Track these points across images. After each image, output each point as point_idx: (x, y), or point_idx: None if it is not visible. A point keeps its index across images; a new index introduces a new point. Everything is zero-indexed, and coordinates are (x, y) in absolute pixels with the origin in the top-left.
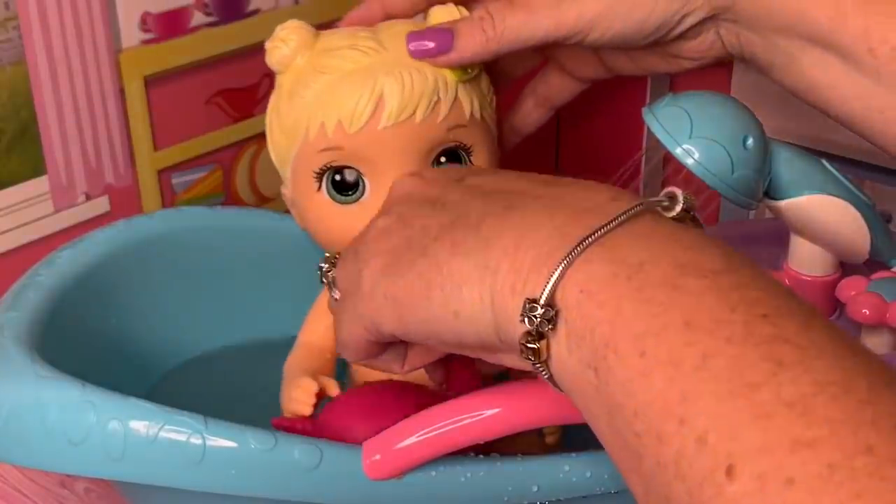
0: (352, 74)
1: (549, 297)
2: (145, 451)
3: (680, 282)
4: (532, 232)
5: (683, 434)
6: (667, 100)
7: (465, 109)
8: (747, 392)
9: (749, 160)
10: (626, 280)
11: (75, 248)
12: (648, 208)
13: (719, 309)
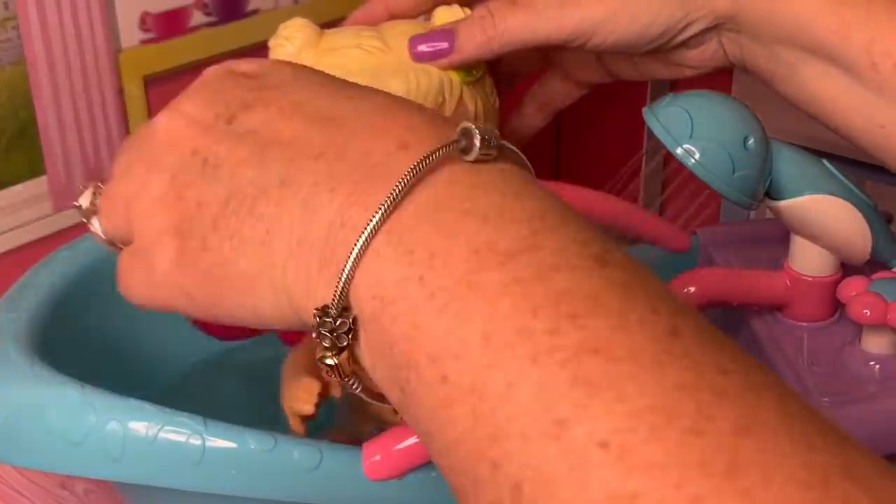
0: (356, 75)
1: (341, 304)
2: (145, 452)
3: (475, 278)
4: (313, 220)
5: (498, 482)
6: (667, 100)
7: (470, 110)
8: (558, 431)
9: (750, 160)
10: (419, 283)
11: (74, 248)
12: (444, 157)
13: (520, 315)
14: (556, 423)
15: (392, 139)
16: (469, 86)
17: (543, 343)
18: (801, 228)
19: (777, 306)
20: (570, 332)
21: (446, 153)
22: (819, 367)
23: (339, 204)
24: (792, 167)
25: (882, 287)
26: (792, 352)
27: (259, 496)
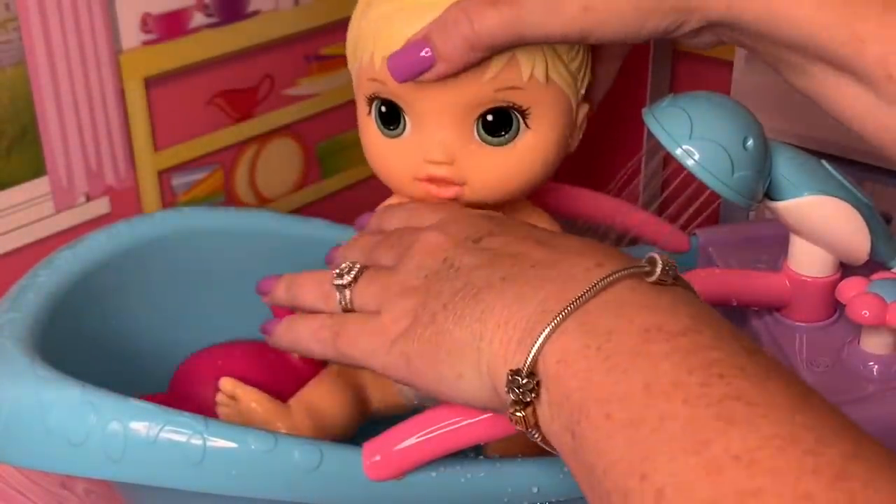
0: (406, 10)
1: (529, 368)
2: (145, 452)
3: (643, 348)
4: (520, 307)
5: (644, 490)
6: (667, 101)
7: (524, 71)
8: (700, 449)
9: (749, 161)
10: (596, 350)
11: (75, 248)
12: (629, 275)
13: (677, 372)
14: (699, 444)
15: (591, 259)
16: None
17: (694, 392)
18: (801, 229)
19: (776, 306)
20: (718, 386)
21: (632, 272)
22: (818, 367)
23: (543, 297)
24: (791, 168)
25: (881, 287)
26: (791, 352)
27: (259, 496)
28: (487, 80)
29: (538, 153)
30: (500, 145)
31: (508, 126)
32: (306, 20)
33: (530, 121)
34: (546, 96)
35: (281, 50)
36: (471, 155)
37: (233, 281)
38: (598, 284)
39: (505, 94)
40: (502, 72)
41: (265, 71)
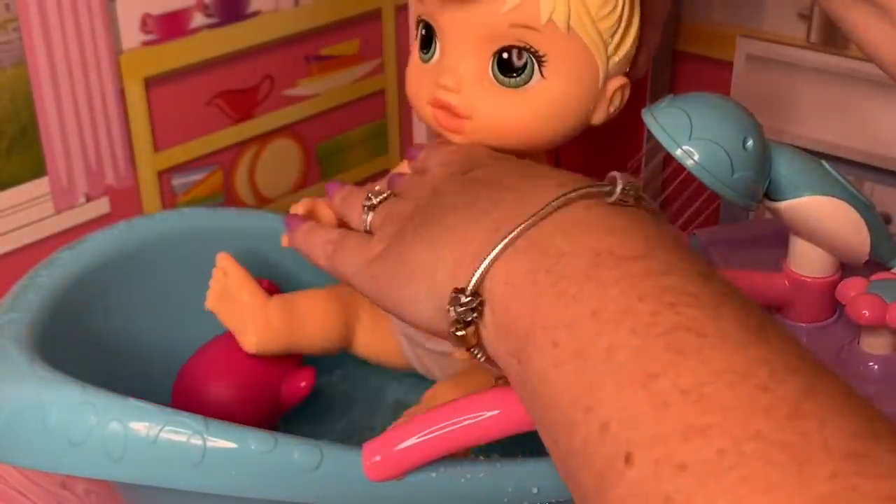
0: None
1: (474, 288)
2: (146, 452)
3: (593, 272)
4: (476, 226)
5: (588, 422)
6: (667, 101)
7: (543, 11)
8: (647, 382)
9: (749, 161)
10: (546, 273)
11: (76, 249)
12: (587, 194)
13: (627, 299)
14: (647, 376)
15: (556, 180)
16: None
17: (643, 320)
18: (801, 229)
19: (776, 306)
20: (669, 315)
21: (591, 192)
22: None
23: (500, 215)
24: (791, 168)
25: (881, 287)
26: None
27: (259, 496)
28: (505, 13)
29: (549, 107)
30: (512, 87)
31: (522, 68)
32: (306, 21)
33: (546, 69)
34: (565, 47)
35: (281, 50)
36: (481, 89)
37: None
38: (553, 203)
39: (521, 33)
40: (521, 6)
41: (265, 71)
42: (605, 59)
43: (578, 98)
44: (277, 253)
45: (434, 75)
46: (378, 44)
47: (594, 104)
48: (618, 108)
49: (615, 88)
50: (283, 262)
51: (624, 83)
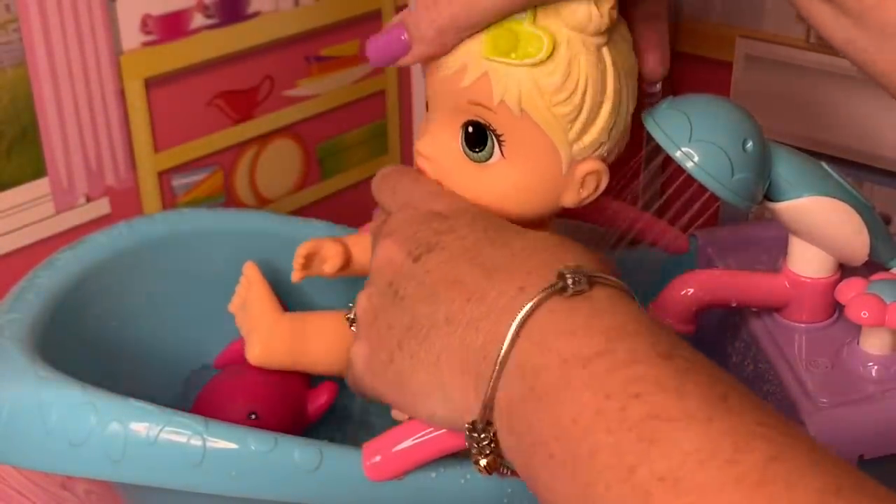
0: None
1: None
2: (146, 453)
3: (566, 380)
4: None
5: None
6: (666, 103)
7: (494, 93)
8: (628, 476)
9: (748, 163)
10: (531, 391)
11: (76, 249)
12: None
13: (597, 400)
14: (627, 470)
15: (516, 282)
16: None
17: (614, 417)
18: (800, 230)
19: (776, 307)
20: (636, 407)
21: (550, 293)
22: (817, 367)
23: (482, 341)
24: (790, 169)
25: (880, 288)
26: (791, 352)
27: (259, 497)
28: (463, 89)
29: (510, 187)
30: (476, 162)
31: (485, 145)
32: (306, 21)
33: (505, 149)
34: (522, 129)
35: (281, 51)
36: (451, 160)
37: (233, 282)
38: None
39: (478, 110)
40: (475, 84)
41: (265, 72)
42: (566, 145)
43: (539, 181)
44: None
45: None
46: None
47: (560, 188)
48: (593, 194)
49: (586, 173)
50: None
51: (598, 168)
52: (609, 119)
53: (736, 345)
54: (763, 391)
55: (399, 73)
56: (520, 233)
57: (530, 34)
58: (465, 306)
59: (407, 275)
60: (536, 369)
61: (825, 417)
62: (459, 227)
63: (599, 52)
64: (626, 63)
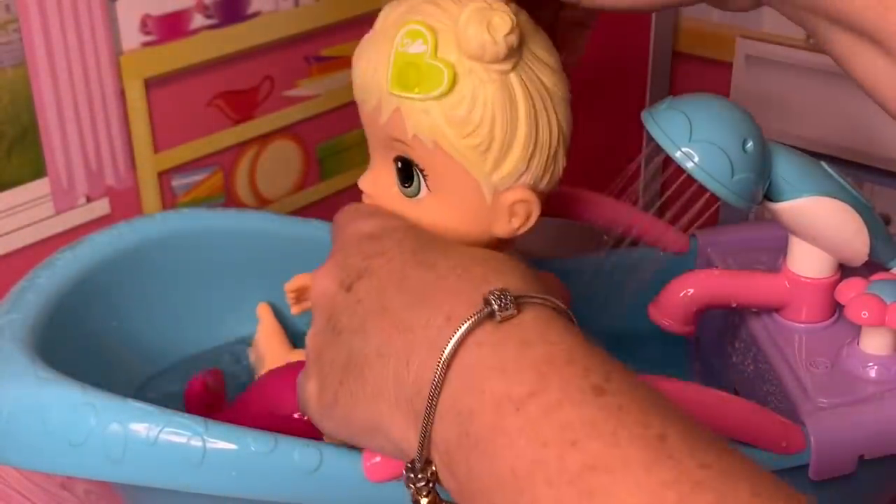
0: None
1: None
2: (145, 454)
3: (501, 424)
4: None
5: None
6: (666, 103)
7: (406, 129)
8: None
9: (749, 163)
10: (466, 436)
11: (76, 250)
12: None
13: (534, 448)
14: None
15: (442, 313)
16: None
17: (553, 468)
18: (800, 230)
19: (776, 308)
20: (574, 456)
21: (476, 322)
22: (817, 368)
23: (414, 377)
24: (790, 169)
25: (880, 288)
26: (790, 353)
27: (259, 498)
28: (382, 125)
29: (438, 221)
30: (408, 197)
31: (412, 180)
32: (306, 21)
33: (430, 183)
34: (439, 163)
35: (281, 51)
36: (390, 197)
37: (233, 282)
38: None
39: (397, 146)
40: (390, 120)
41: (265, 72)
42: (484, 175)
43: (465, 213)
44: (277, 254)
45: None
46: None
47: (489, 219)
48: (527, 222)
49: (514, 202)
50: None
51: (526, 197)
52: (527, 146)
53: (736, 345)
54: (763, 391)
55: None
56: (447, 251)
57: (431, 67)
58: (395, 337)
59: (340, 307)
60: (471, 412)
61: (825, 418)
62: (388, 248)
63: (505, 80)
64: (544, 87)
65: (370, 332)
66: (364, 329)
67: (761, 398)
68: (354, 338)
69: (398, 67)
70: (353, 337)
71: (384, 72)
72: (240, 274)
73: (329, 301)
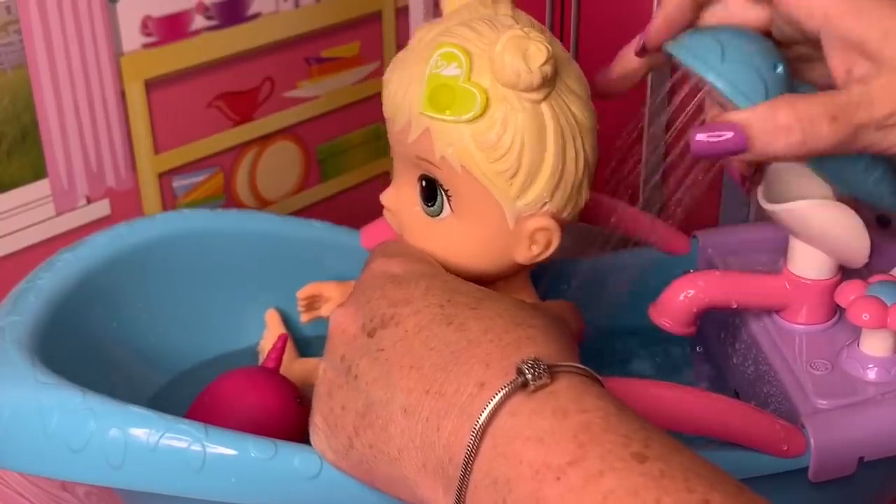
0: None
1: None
2: (146, 459)
3: (540, 494)
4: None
5: None
6: (688, 33)
7: (435, 150)
8: None
9: (780, 85)
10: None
11: (76, 251)
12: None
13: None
14: None
15: (474, 380)
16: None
17: None
18: (800, 232)
19: (776, 309)
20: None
21: (510, 392)
22: (817, 369)
23: (445, 442)
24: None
25: (880, 290)
26: (790, 354)
27: None
28: (410, 144)
29: (459, 242)
30: (431, 216)
31: (435, 198)
32: (307, 23)
33: (453, 204)
34: (466, 185)
35: (281, 52)
36: (412, 215)
37: (233, 283)
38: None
39: (425, 165)
40: (419, 140)
41: (266, 73)
42: (509, 200)
43: (486, 236)
44: (278, 254)
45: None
46: (378, 46)
47: (510, 244)
48: (546, 250)
49: (535, 230)
50: (283, 263)
51: (548, 225)
52: (553, 174)
53: (736, 346)
54: (763, 393)
55: None
56: (476, 308)
57: (465, 91)
58: (424, 399)
59: (360, 350)
60: (507, 481)
61: (825, 419)
62: (415, 297)
63: (536, 108)
64: (573, 118)
65: (396, 389)
66: (389, 383)
67: (761, 399)
68: (375, 388)
69: (431, 88)
70: (374, 387)
71: (417, 92)
72: (240, 274)
73: (348, 340)
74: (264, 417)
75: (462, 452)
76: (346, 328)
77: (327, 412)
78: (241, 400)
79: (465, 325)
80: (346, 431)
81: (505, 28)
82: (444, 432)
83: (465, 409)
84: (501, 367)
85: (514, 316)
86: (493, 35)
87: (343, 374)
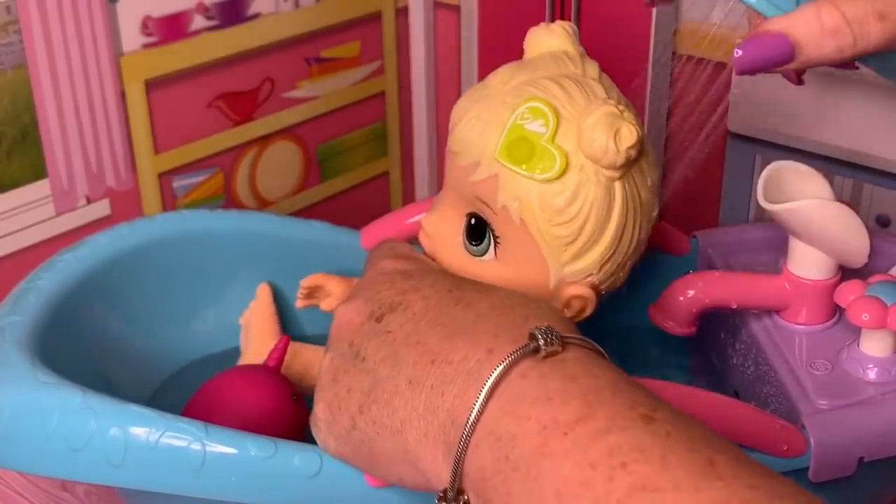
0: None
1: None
2: (146, 458)
3: (545, 448)
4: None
5: None
6: None
7: (499, 197)
8: None
9: None
10: (506, 461)
11: (76, 251)
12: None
13: (581, 470)
14: None
15: (482, 347)
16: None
17: (601, 489)
18: (800, 232)
19: (776, 309)
20: (622, 478)
21: (520, 356)
22: (817, 369)
23: (449, 405)
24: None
25: (880, 290)
26: (791, 354)
27: (259, 502)
28: (472, 183)
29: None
30: (472, 254)
31: (482, 240)
32: (307, 23)
33: (499, 251)
34: (517, 237)
35: (281, 53)
36: (451, 245)
37: (234, 283)
38: (491, 382)
39: (480, 206)
40: (484, 182)
41: (265, 74)
42: (557, 264)
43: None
44: (277, 254)
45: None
46: (378, 46)
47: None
48: (577, 316)
49: (572, 296)
50: (283, 263)
51: (586, 294)
52: (607, 251)
53: (736, 347)
54: (763, 393)
55: (399, 75)
56: (484, 292)
57: (546, 150)
58: (430, 368)
59: (368, 335)
60: (512, 437)
61: (825, 419)
62: (423, 286)
63: (610, 185)
64: (638, 201)
65: (402, 362)
66: (395, 359)
67: (761, 400)
68: (382, 366)
69: (512, 138)
70: (380, 365)
71: (495, 136)
72: (240, 276)
73: (354, 329)
74: (260, 416)
75: (466, 413)
76: (352, 318)
77: (331, 398)
78: (236, 398)
79: (472, 304)
80: (350, 412)
81: (598, 100)
82: (448, 396)
83: (473, 373)
84: (511, 335)
85: (522, 297)
86: (585, 104)
87: (350, 359)
